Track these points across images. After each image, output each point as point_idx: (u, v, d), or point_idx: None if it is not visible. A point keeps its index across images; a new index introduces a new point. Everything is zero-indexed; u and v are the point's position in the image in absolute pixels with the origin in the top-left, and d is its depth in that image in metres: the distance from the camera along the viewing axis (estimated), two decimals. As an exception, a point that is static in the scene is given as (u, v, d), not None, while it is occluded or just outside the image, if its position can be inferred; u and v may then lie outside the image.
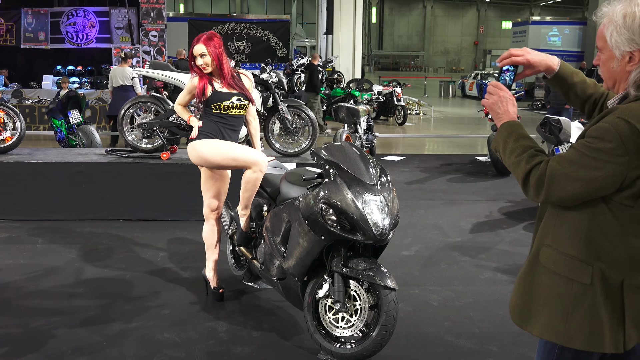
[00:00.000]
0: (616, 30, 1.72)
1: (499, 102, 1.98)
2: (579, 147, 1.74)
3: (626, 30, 1.71)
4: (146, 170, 6.30)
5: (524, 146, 1.87)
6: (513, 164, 1.88)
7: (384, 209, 3.24)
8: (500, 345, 3.68)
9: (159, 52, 15.43)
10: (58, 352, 3.53)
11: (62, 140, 9.02)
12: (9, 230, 5.95)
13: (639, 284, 1.77)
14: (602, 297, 1.77)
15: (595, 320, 1.78)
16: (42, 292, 4.44)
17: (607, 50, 1.79)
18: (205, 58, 3.91)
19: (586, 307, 1.79)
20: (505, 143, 1.92)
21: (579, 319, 1.80)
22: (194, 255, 5.24)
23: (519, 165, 1.85)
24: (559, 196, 1.77)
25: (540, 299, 1.88)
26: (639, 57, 1.72)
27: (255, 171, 3.89)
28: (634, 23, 1.69)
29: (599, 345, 1.79)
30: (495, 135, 1.98)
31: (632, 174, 1.67)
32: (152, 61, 6.75)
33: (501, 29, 53.81)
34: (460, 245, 5.64)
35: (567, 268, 1.82)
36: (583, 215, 1.79)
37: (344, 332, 3.35)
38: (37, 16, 16.03)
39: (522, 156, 1.85)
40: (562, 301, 1.82)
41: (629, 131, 1.65)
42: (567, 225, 1.83)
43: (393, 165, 9.70)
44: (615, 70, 1.79)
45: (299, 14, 48.31)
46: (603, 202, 1.75)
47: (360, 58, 19.59)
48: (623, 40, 1.72)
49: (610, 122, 1.68)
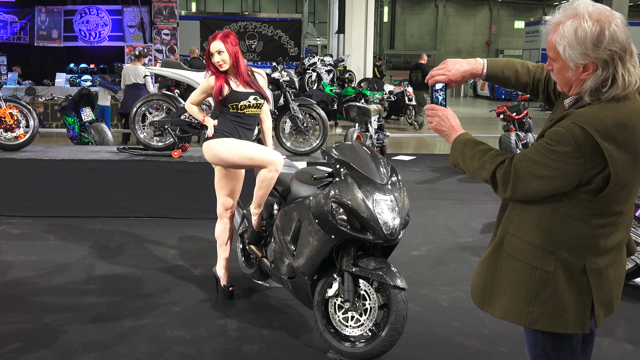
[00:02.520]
0: (569, 46, 1.81)
1: (441, 122, 2.12)
2: (540, 148, 1.86)
3: (578, 46, 1.79)
4: (157, 168, 6.33)
5: (483, 150, 2.02)
6: (477, 169, 2.01)
7: (394, 208, 3.23)
8: (510, 347, 3.66)
9: (171, 50, 15.48)
10: (69, 348, 3.56)
11: (74, 138, 9.08)
12: (22, 227, 6.01)
13: (599, 267, 1.93)
14: (565, 282, 1.92)
15: (557, 304, 1.93)
16: (54, 288, 4.48)
17: (560, 60, 1.88)
18: (223, 55, 3.91)
19: (549, 292, 1.93)
20: (463, 154, 2.05)
21: (541, 303, 1.94)
22: (204, 253, 5.26)
23: (484, 168, 1.99)
24: (523, 192, 1.91)
25: (502, 283, 2.02)
26: (592, 67, 1.81)
27: (271, 170, 3.90)
28: (586, 39, 1.78)
29: (561, 327, 1.95)
30: (451, 151, 2.11)
31: (588, 174, 1.81)
32: (165, 59, 6.77)
33: (514, 29, 53.47)
34: (471, 245, 5.63)
35: (531, 256, 1.95)
36: (546, 208, 1.92)
37: (353, 332, 3.35)
38: (51, 14, 16.13)
39: (484, 158, 1.99)
40: (525, 286, 1.96)
41: (583, 136, 1.77)
42: (531, 216, 1.96)
43: (404, 165, 9.68)
44: (570, 79, 1.89)
45: (311, 12, 48.26)
46: (564, 196, 1.88)
47: (372, 57, 19.56)
48: (577, 54, 1.81)
49: (566, 128, 1.80)
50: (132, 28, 15.71)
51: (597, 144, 1.76)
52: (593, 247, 1.91)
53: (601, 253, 1.92)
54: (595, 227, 1.89)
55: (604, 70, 1.79)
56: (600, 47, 1.76)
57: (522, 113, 9.36)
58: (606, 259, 1.94)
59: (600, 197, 1.85)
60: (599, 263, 1.92)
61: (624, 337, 3.81)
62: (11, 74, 15.42)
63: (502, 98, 24.90)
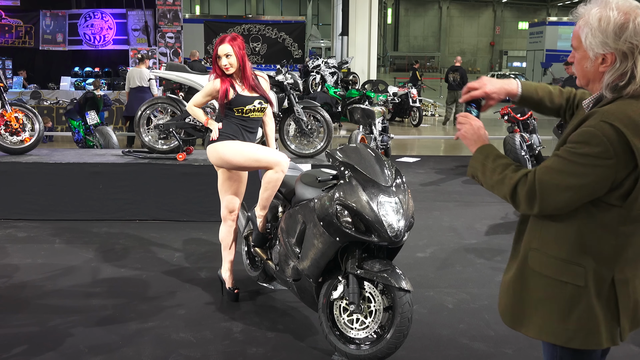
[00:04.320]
0: (591, 33, 1.77)
1: (471, 130, 2.04)
2: (565, 155, 1.77)
3: (600, 34, 1.75)
4: (162, 171, 6.35)
5: (504, 164, 1.92)
6: (496, 183, 1.91)
7: (399, 210, 3.24)
8: (515, 349, 3.66)
9: (175, 53, 15.53)
10: (75, 350, 3.57)
11: (79, 141, 9.10)
12: (28, 230, 6.03)
13: (626, 278, 1.84)
14: (596, 296, 1.82)
15: (592, 320, 1.83)
16: (60, 291, 4.49)
17: (581, 50, 1.83)
18: (231, 58, 3.93)
19: (582, 308, 1.83)
20: (484, 166, 1.96)
21: (575, 319, 1.84)
22: (209, 255, 5.27)
23: (503, 183, 1.88)
24: (553, 207, 1.80)
25: (532, 302, 1.92)
26: (611, 59, 1.76)
27: (277, 171, 3.91)
28: (608, 27, 1.73)
29: (596, 343, 1.85)
30: (471, 161, 2.03)
31: (619, 175, 1.71)
32: (169, 63, 6.80)
33: (518, 30, 53.45)
34: (476, 247, 5.62)
35: (559, 271, 1.85)
36: (571, 218, 1.82)
37: (358, 334, 3.35)
38: (56, 18, 16.20)
39: (505, 173, 1.89)
40: (557, 303, 1.86)
41: (614, 134, 1.68)
42: (555, 229, 1.86)
43: (408, 167, 9.68)
44: (589, 70, 1.83)
45: (315, 15, 48.33)
46: (591, 204, 1.78)
47: (376, 59, 19.57)
48: (597, 42, 1.76)
49: (595, 127, 1.71)
50: (137, 31, 15.77)
51: (627, 142, 1.68)
52: (622, 257, 1.82)
53: (629, 263, 1.84)
54: (624, 236, 1.80)
55: (623, 63, 1.74)
56: (621, 37, 1.72)
57: (527, 114, 9.34)
58: (633, 269, 1.86)
59: (629, 201, 1.75)
60: (626, 273, 1.84)
61: (630, 339, 3.80)
62: (16, 77, 15.50)
63: (506, 100, 24.81)
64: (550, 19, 30.14)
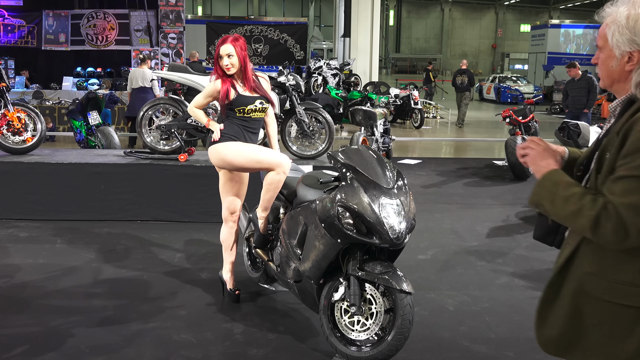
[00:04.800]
0: (618, 30, 1.76)
1: (540, 154, 1.93)
2: (633, 172, 1.65)
3: (628, 31, 1.75)
4: (164, 171, 6.36)
5: (580, 193, 1.76)
6: (572, 214, 1.76)
7: (400, 212, 3.24)
8: (516, 351, 3.66)
9: (177, 54, 15.55)
10: (76, 351, 3.58)
11: (81, 141, 9.12)
12: (29, 230, 6.04)
13: None
14: None
15: None
16: (61, 291, 4.50)
17: (607, 49, 1.83)
18: (232, 59, 3.93)
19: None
20: (554, 195, 1.81)
21: (636, 340, 1.75)
22: (210, 256, 5.28)
23: (581, 214, 1.73)
24: None
25: (588, 327, 1.83)
26: (638, 57, 1.76)
27: (279, 173, 3.92)
28: (637, 24, 1.73)
29: None
30: (535, 188, 1.88)
31: None
32: (171, 63, 6.80)
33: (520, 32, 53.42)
34: (477, 249, 5.62)
35: (623, 296, 1.76)
36: None
37: (359, 336, 3.35)
38: (58, 18, 16.23)
39: (582, 203, 1.74)
40: (618, 327, 1.78)
41: None
42: (616, 252, 1.75)
43: (409, 169, 9.68)
44: (614, 70, 1.82)
45: (317, 16, 48.36)
46: None
47: (378, 61, 19.58)
48: (624, 40, 1.76)
49: None
50: (139, 32, 15.78)
51: None
52: None
53: None
54: None
55: None
56: None
57: (528, 117, 9.35)
58: None
59: None
60: None
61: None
62: (19, 77, 15.53)
63: (508, 102, 24.88)
64: (552, 21, 30.12)
